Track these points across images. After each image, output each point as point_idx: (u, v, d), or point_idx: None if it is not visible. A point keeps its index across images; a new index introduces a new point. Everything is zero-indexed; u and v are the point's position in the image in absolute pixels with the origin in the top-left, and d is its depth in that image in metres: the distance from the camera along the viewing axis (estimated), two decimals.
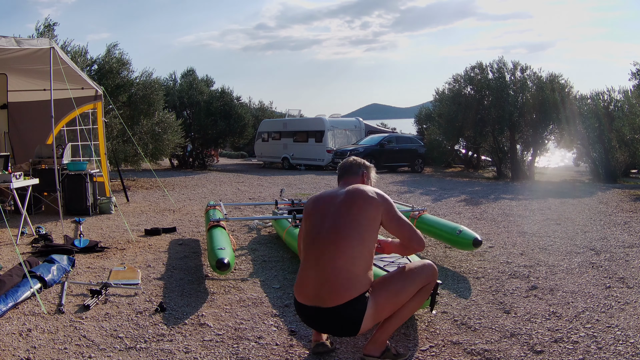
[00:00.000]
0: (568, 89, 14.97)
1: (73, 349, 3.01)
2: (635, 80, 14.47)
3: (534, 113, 14.83)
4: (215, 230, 4.81)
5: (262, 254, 5.40)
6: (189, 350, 3.01)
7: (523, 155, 15.64)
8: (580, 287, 4.19)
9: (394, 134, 22.16)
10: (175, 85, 20.39)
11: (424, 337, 3.21)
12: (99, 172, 8.44)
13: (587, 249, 5.57)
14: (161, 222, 7.25)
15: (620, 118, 13.30)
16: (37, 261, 4.43)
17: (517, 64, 15.44)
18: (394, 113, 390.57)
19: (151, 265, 4.89)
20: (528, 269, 4.75)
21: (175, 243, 5.95)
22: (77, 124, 8.98)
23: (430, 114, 21.15)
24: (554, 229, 6.76)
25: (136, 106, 12.65)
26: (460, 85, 16.14)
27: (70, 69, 7.12)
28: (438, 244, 5.73)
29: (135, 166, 12.89)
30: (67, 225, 6.94)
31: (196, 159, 19.65)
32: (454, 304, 3.80)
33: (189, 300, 3.89)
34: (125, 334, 3.24)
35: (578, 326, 3.34)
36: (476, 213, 8.18)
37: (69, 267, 4.58)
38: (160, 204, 9.23)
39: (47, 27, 11.40)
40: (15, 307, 3.63)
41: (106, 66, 12.11)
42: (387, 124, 36.67)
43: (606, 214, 7.97)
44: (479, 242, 4.85)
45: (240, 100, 20.81)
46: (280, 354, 2.98)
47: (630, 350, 2.97)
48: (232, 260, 4.06)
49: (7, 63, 6.67)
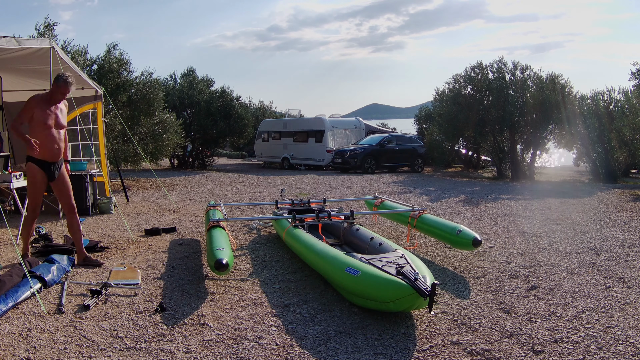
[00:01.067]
0: (568, 88, 14.96)
1: (73, 349, 3.01)
2: (635, 80, 14.47)
3: (534, 113, 14.82)
4: (214, 231, 4.81)
5: (262, 254, 5.40)
6: (189, 350, 3.01)
7: (523, 155, 15.63)
8: (580, 287, 4.19)
9: (394, 134, 22.14)
10: (175, 85, 20.38)
11: (424, 337, 3.21)
12: (99, 172, 8.44)
13: (587, 249, 5.57)
14: (161, 222, 7.25)
15: (620, 118, 13.29)
16: (37, 261, 4.43)
17: (517, 64, 15.43)
18: (394, 113, 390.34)
19: (151, 265, 4.89)
20: (528, 269, 4.75)
21: (175, 243, 5.95)
22: (77, 124, 8.96)
23: (430, 114, 21.14)
24: (554, 229, 6.76)
25: (136, 106, 12.64)
26: (460, 85, 16.13)
27: (70, 69, 7.11)
28: (438, 244, 5.73)
29: (135, 166, 12.89)
30: None
31: (196, 159, 19.64)
32: (454, 304, 3.80)
33: (189, 300, 3.89)
34: (125, 334, 3.24)
35: (578, 326, 3.34)
36: (476, 213, 8.18)
37: (69, 267, 4.58)
38: (160, 204, 9.23)
39: (47, 27, 11.40)
40: (15, 307, 3.62)
41: (106, 66, 12.10)
42: (387, 124, 36.64)
43: (606, 214, 7.96)
44: (478, 242, 4.85)
45: (240, 100, 20.80)
46: (280, 354, 2.98)
47: (630, 350, 2.97)
48: (231, 261, 4.06)
49: (6, 63, 6.66)
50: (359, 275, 3.55)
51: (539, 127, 14.89)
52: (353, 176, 15.32)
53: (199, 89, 19.35)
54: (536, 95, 14.70)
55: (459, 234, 4.97)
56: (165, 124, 13.00)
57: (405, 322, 3.44)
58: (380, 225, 7.02)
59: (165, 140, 12.89)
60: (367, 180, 13.98)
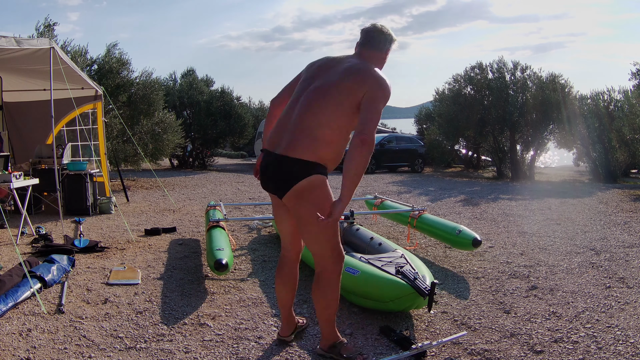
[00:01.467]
0: (568, 88, 14.97)
1: (73, 349, 3.01)
2: (635, 80, 14.48)
3: (534, 113, 14.83)
4: (214, 231, 4.81)
5: (262, 254, 5.40)
6: (189, 350, 3.01)
7: (523, 155, 15.64)
8: (580, 287, 4.19)
9: (394, 134, 22.14)
10: (175, 85, 20.38)
11: (424, 337, 3.21)
12: (99, 172, 8.44)
13: (587, 249, 5.57)
14: (161, 222, 7.25)
15: (620, 118, 13.30)
16: (37, 261, 4.43)
17: (517, 64, 15.44)
18: (394, 113, 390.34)
19: (151, 265, 4.89)
20: (528, 269, 4.75)
21: (175, 243, 5.95)
22: (77, 124, 8.97)
23: (430, 114, 21.14)
24: (554, 229, 6.76)
25: (136, 106, 12.64)
26: (460, 85, 16.14)
27: (70, 69, 7.11)
28: (438, 244, 5.73)
29: (135, 166, 12.88)
30: (67, 225, 6.94)
31: (196, 159, 19.64)
32: (454, 304, 3.80)
33: (189, 300, 3.89)
34: (125, 334, 3.24)
35: (578, 326, 3.34)
36: (476, 213, 8.18)
37: (69, 267, 4.58)
38: (160, 204, 9.23)
39: (47, 27, 11.40)
40: (15, 307, 3.63)
41: (106, 66, 12.09)
42: (387, 124, 36.65)
43: (606, 214, 7.97)
44: (478, 242, 4.85)
45: (240, 100, 20.80)
46: (280, 354, 2.98)
47: (630, 350, 2.97)
48: (230, 260, 4.06)
49: (6, 63, 6.66)
50: (359, 275, 3.56)
51: (539, 127, 14.90)
52: None
53: (199, 89, 19.35)
54: (536, 95, 14.71)
55: (459, 234, 4.97)
56: (165, 124, 13.00)
57: (405, 322, 3.44)
58: (380, 225, 7.02)
59: (165, 140, 12.89)
60: (367, 180, 13.98)
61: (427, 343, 2.98)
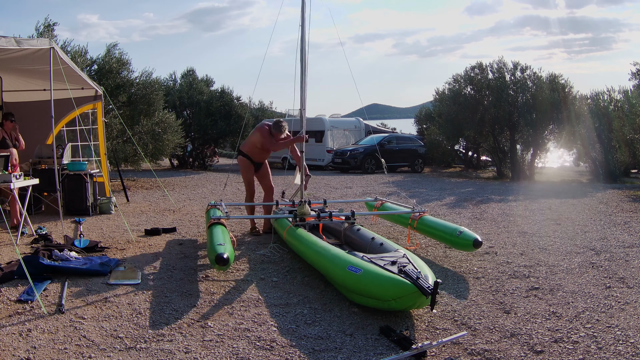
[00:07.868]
0: (568, 88, 14.96)
1: (73, 349, 3.01)
2: (635, 80, 14.46)
3: (534, 113, 14.82)
4: (215, 228, 4.82)
5: (262, 254, 5.40)
6: (189, 350, 3.01)
7: (523, 155, 15.63)
8: (580, 287, 4.19)
9: (394, 134, 22.13)
10: (175, 85, 20.38)
11: (424, 337, 3.21)
12: (99, 172, 8.44)
13: (587, 249, 5.57)
14: (161, 222, 7.25)
15: (620, 118, 13.29)
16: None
17: (517, 64, 15.43)
18: (394, 113, 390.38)
19: (151, 265, 4.89)
20: (528, 269, 4.75)
21: (175, 243, 5.95)
22: (77, 124, 8.97)
23: (430, 114, 21.13)
24: (554, 229, 6.76)
25: (136, 106, 12.64)
26: (460, 85, 16.12)
27: (70, 69, 7.11)
28: (438, 244, 5.73)
29: (135, 166, 12.89)
30: (67, 225, 6.94)
31: (196, 159, 19.64)
32: (454, 304, 3.80)
33: (189, 300, 3.89)
34: (125, 334, 3.24)
35: (578, 326, 3.34)
36: (476, 213, 8.18)
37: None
38: (160, 204, 9.23)
39: (47, 27, 11.39)
40: (15, 307, 3.62)
41: (106, 66, 12.10)
42: (387, 124, 36.63)
43: (606, 214, 7.97)
44: (479, 243, 4.85)
45: (240, 100, 20.80)
46: (280, 354, 2.98)
47: (630, 350, 2.97)
48: (231, 255, 4.06)
49: (6, 63, 6.66)
50: (361, 274, 3.55)
51: (539, 127, 14.88)
52: (353, 176, 15.32)
53: (199, 89, 19.36)
54: (536, 95, 14.70)
55: (460, 235, 4.97)
56: (165, 124, 13.00)
57: (405, 321, 3.44)
58: (380, 226, 7.03)
59: (165, 140, 12.89)
60: (367, 180, 13.98)
61: (427, 343, 2.98)
